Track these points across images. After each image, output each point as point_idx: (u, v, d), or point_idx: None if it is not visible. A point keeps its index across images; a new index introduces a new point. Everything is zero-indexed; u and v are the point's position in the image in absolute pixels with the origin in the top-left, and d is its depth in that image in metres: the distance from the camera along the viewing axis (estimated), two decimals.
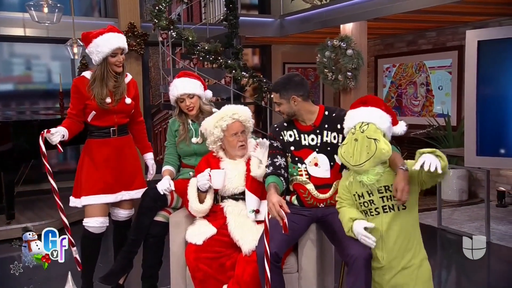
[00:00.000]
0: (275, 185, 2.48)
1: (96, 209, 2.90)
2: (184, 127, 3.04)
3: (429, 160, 2.08)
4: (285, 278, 2.48)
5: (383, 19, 5.37)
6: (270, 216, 2.30)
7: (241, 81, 5.35)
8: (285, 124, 2.66)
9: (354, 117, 2.34)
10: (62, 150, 2.79)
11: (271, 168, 2.58)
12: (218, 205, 2.77)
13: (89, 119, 2.92)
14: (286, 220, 2.26)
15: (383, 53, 7.55)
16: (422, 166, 2.09)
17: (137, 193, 3.04)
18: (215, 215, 2.75)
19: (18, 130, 4.78)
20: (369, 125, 2.26)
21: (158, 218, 2.87)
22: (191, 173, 3.00)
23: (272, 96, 2.62)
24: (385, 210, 2.30)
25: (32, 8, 5.02)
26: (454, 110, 6.39)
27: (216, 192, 2.79)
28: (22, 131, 4.74)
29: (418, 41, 6.93)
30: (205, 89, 3.13)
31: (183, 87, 2.99)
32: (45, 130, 2.75)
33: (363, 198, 2.34)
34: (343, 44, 5.17)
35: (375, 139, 2.21)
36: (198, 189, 2.75)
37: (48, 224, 3.05)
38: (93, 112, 2.88)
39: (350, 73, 5.20)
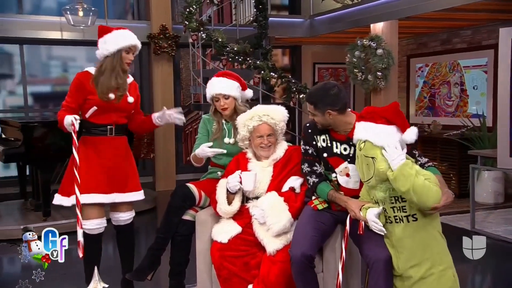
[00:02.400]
0: (335, 192, 2.49)
1: (91, 211, 2.85)
2: (219, 126, 3.04)
3: None
4: None
5: (415, 17, 5.28)
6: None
7: (270, 82, 5.35)
8: (319, 125, 2.56)
9: (355, 133, 2.31)
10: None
11: (313, 176, 2.55)
12: (244, 205, 2.79)
13: (87, 115, 2.89)
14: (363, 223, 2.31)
15: (416, 52, 7.41)
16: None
17: (131, 196, 2.99)
18: (241, 215, 2.77)
19: (55, 130, 4.95)
20: (365, 142, 2.22)
21: (186, 217, 2.90)
22: (219, 173, 3.03)
23: (305, 102, 2.53)
24: (397, 221, 2.27)
25: (68, 12, 5.20)
26: (490, 110, 6.21)
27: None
28: (58, 131, 4.90)
29: (453, 39, 6.78)
30: (244, 89, 3.11)
31: (219, 87, 2.99)
32: (73, 120, 2.70)
33: (379, 205, 2.32)
34: (373, 43, 5.12)
35: (372, 157, 2.17)
36: (227, 190, 2.76)
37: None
38: (94, 108, 2.85)
39: (380, 73, 5.14)
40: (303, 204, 2.67)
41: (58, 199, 2.93)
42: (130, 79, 3.04)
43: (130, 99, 2.96)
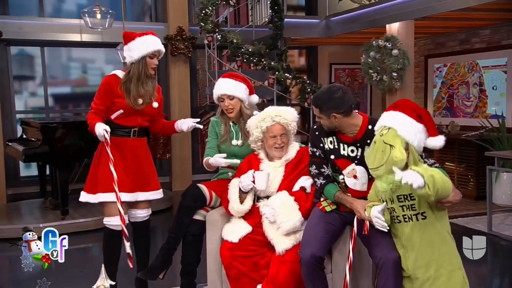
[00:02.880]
0: (341, 193, 2.50)
1: (115, 208, 2.91)
2: (226, 128, 3.08)
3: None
4: None
5: (431, 17, 5.23)
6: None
7: (285, 83, 5.36)
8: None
9: (381, 120, 2.29)
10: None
11: (321, 178, 2.56)
12: (254, 205, 2.81)
13: (113, 117, 2.97)
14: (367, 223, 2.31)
15: (434, 53, 7.32)
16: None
17: (152, 195, 3.09)
18: (251, 214, 2.79)
19: (73, 131, 5.06)
20: (389, 130, 2.20)
21: (197, 217, 2.94)
22: (229, 173, 3.05)
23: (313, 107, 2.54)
24: (406, 220, 2.26)
25: (86, 15, 5.31)
26: (510, 111, 6.11)
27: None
28: (76, 132, 5.02)
29: (471, 39, 6.68)
30: (251, 93, 3.13)
31: (225, 87, 3.02)
32: (105, 130, 2.82)
33: (386, 204, 2.31)
34: (389, 44, 5.08)
35: (391, 145, 2.15)
36: (240, 189, 2.79)
37: (100, 220, 3.14)
38: (121, 111, 2.94)
39: (395, 74, 5.10)
40: (313, 204, 2.68)
41: (84, 197, 3.01)
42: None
43: (155, 104, 3.05)
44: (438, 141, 2.23)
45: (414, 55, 7.62)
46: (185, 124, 3.13)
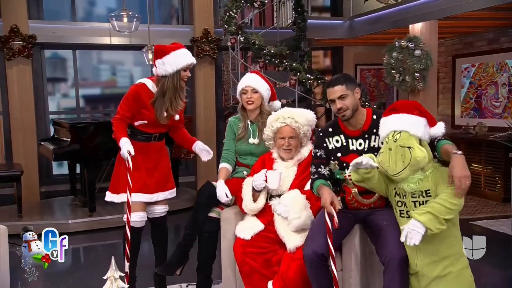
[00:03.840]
0: (322, 185, 2.53)
1: (136, 205, 3.01)
2: (245, 125, 3.15)
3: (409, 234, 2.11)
4: None
5: (455, 17, 5.16)
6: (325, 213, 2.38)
7: (308, 84, 5.39)
8: (330, 129, 2.64)
9: (386, 125, 2.31)
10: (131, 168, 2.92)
11: (316, 175, 2.61)
12: (267, 203, 2.87)
13: (136, 123, 3.07)
14: (335, 216, 2.32)
15: (461, 53, 7.20)
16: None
17: (170, 194, 3.20)
18: (264, 212, 2.86)
19: (100, 131, 5.24)
20: (401, 133, 2.22)
21: (212, 214, 3.03)
22: (245, 172, 3.12)
23: (330, 88, 2.54)
24: None
25: (114, 19, 5.48)
26: None
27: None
28: (103, 132, 5.19)
29: (500, 39, 6.54)
30: (273, 98, 3.21)
31: (251, 80, 3.11)
32: (127, 156, 2.87)
33: (399, 196, 2.33)
34: (411, 44, 5.05)
35: (409, 147, 2.18)
36: (253, 188, 2.86)
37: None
38: (145, 121, 3.04)
39: (418, 74, 5.06)
40: None
41: (109, 196, 3.14)
42: None
43: (177, 117, 3.15)
44: (439, 128, 2.30)
45: (442, 55, 7.53)
46: (203, 151, 3.22)
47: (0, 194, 6.41)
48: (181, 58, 2.98)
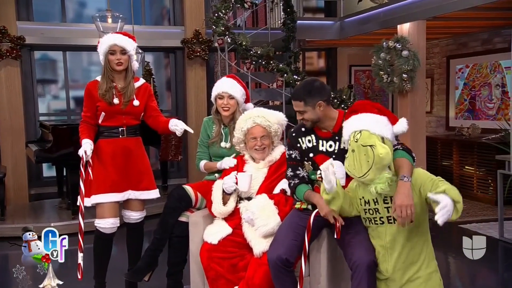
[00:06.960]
0: (311, 191, 2.47)
1: (107, 210, 2.98)
2: (219, 129, 3.11)
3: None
4: None
5: (443, 17, 5.07)
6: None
7: (294, 85, 5.31)
8: (302, 129, 2.58)
9: (347, 128, 2.27)
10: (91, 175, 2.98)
11: (296, 179, 2.55)
12: (236, 206, 2.81)
13: (100, 120, 3.06)
14: (339, 226, 2.28)
15: (456, 53, 7.11)
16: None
17: (144, 194, 3.11)
18: (233, 215, 2.80)
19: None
20: (361, 132, 2.18)
21: (182, 218, 2.96)
22: (216, 175, 3.07)
23: (294, 103, 2.52)
24: (390, 221, 2.22)
25: (98, 20, 5.43)
26: None
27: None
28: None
29: (494, 39, 6.44)
30: (247, 101, 3.19)
31: (229, 86, 3.07)
32: (84, 152, 2.92)
33: (369, 205, 2.27)
34: (398, 45, 4.96)
35: (371, 146, 2.13)
36: (223, 191, 2.80)
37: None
38: (103, 113, 3.02)
39: (405, 75, 4.98)
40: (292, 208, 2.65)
41: (80, 200, 3.08)
42: (140, 82, 3.16)
43: (136, 103, 3.07)
44: (402, 125, 2.28)
45: (436, 56, 7.44)
46: (180, 125, 3.11)
47: None
48: (103, 43, 3.02)
